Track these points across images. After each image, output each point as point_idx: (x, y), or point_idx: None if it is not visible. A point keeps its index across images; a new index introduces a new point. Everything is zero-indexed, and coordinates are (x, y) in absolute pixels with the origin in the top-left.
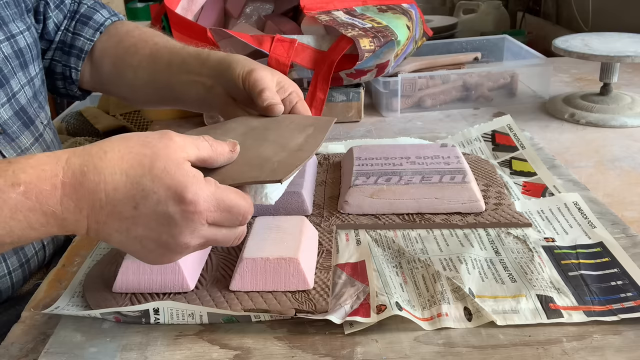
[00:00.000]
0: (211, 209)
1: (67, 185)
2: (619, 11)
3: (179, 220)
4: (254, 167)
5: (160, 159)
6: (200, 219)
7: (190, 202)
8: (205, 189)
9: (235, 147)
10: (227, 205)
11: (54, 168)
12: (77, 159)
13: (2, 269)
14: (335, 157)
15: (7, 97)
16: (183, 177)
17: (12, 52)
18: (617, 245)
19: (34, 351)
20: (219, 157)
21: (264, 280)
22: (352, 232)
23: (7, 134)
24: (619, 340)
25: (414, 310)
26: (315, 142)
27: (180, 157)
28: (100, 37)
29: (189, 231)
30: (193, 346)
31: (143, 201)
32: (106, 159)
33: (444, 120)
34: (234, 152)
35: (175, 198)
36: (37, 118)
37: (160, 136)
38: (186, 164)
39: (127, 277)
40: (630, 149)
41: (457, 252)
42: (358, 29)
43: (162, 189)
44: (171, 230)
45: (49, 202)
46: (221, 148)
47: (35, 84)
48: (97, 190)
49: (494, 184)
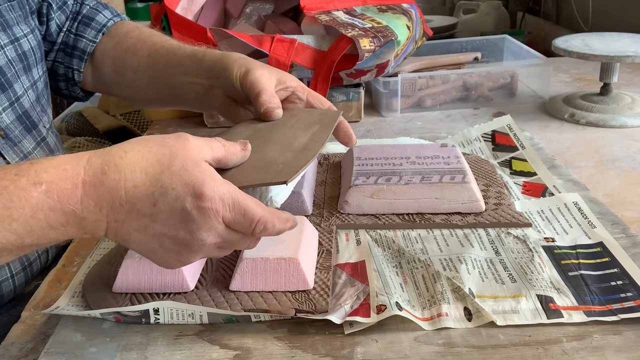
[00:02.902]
0: (227, 208)
1: (88, 184)
2: (619, 11)
3: (196, 215)
4: (259, 170)
5: (179, 157)
6: (216, 216)
7: (207, 197)
8: (222, 186)
9: (246, 146)
10: (243, 208)
11: (75, 167)
12: (98, 158)
13: (5, 272)
14: (335, 157)
15: (10, 102)
16: (201, 174)
17: (16, 55)
18: (617, 245)
19: (34, 351)
20: (232, 156)
21: (264, 280)
22: (352, 232)
23: (10, 138)
24: (619, 340)
25: (414, 310)
26: (321, 140)
27: (198, 156)
28: (102, 39)
29: (206, 227)
30: (193, 346)
31: (162, 198)
32: (126, 158)
33: (444, 120)
34: (246, 151)
35: (193, 194)
36: (39, 122)
37: (177, 137)
38: (203, 162)
39: (127, 277)
40: (630, 149)
41: (457, 252)
42: (358, 29)
43: (181, 185)
44: (188, 225)
45: (70, 200)
46: (233, 148)
47: (39, 87)
48: (117, 188)
49: (494, 184)
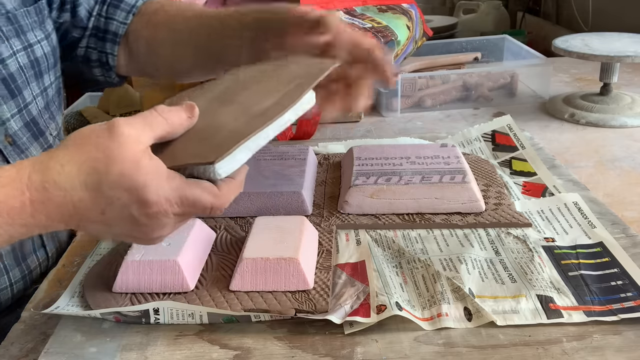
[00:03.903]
0: (175, 206)
1: (36, 202)
2: (619, 11)
3: (145, 220)
4: (200, 142)
5: (116, 162)
6: (165, 217)
7: (152, 203)
8: (166, 186)
9: (192, 110)
10: (191, 201)
11: (19, 186)
12: (37, 175)
13: (4, 281)
14: (335, 157)
15: (19, 108)
16: (142, 177)
17: (28, 62)
18: (617, 245)
19: (34, 351)
20: (177, 128)
21: (264, 280)
22: (352, 232)
23: (17, 145)
24: (619, 340)
25: (414, 310)
26: (287, 103)
27: (136, 152)
28: (132, 19)
29: (159, 227)
30: (193, 346)
31: (109, 207)
32: (64, 173)
33: (444, 120)
34: (193, 117)
35: (138, 201)
36: (47, 129)
37: (110, 133)
38: (144, 159)
39: (127, 277)
40: (630, 149)
41: (457, 252)
42: (358, 29)
43: (124, 194)
44: (141, 229)
45: (22, 217)
46: (177, 118)
47: (49, 94)
48: (65, 203)
49: (494, 184)
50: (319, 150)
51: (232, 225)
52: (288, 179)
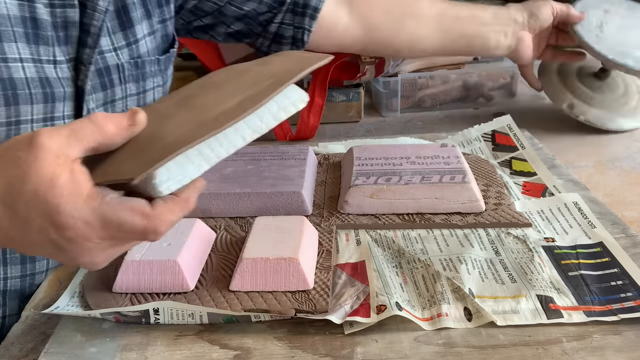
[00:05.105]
0: (96, 230)
1: None
2: None
3: (67, 245)
4: (137, 154)
5: (30, 179)
6: (87, 241)
7: (68, 226)
8: (84, 208)
9: (134, 118)
10: (116, 223)
11: None
12: None
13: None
14: (335, 157)
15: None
16: (55, 199)
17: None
18: (617, 245)
19: (34, 351)
20: (113, 138)
21: (264, 280)
22: (352, 232)
23: None
24: (619, 340)
25: (414, 310)
26: (245, 108)
27: (53, 168)
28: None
29: (84, 252)
30: (193, 346)
31: (27, 227)
32: None
33: (444, 120)
34: (135, 125)
35: (53, 225)
36: None
37: (29, 145)
38: (62, 176)
39: (127, 277)
40: (630, 149)
41: (457, 252)
42: None
43: (38, 216)
44: (66, 254)
45: None
46: (114, 127)
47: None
48: None
49: (494, 184)
50: (319, 150)
51: (232, 225)
52: (288, 179)
